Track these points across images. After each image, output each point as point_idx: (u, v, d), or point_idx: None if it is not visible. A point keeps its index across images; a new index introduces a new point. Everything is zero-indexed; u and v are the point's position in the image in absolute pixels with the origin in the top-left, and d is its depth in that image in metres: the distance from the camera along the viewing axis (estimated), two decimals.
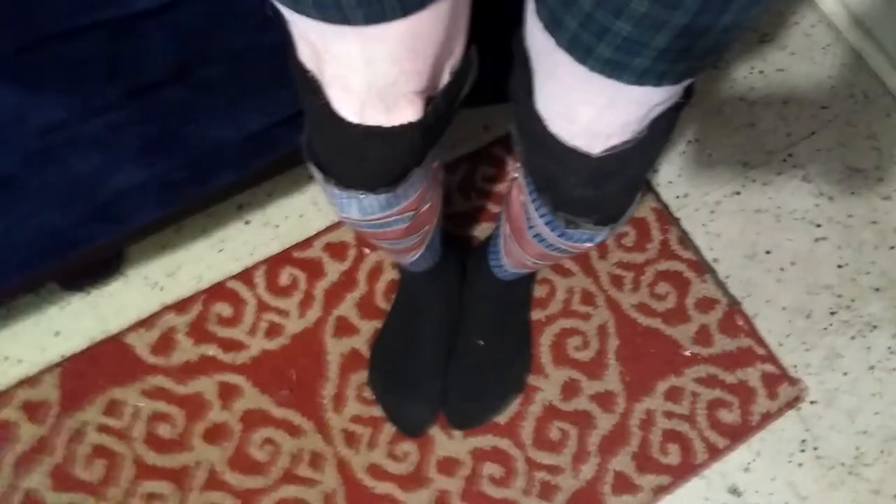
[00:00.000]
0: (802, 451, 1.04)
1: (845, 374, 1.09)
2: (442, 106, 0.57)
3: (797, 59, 1.29)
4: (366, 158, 0.59)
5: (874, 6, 1.25)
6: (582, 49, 0.41)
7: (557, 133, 0.50)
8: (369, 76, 0.51)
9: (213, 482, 0.97)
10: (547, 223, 0.64)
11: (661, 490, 1.00)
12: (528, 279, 1.04)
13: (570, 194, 0.56)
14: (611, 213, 0.62)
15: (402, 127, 0.56)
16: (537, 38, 0.46)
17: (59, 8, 0.62)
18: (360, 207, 0.63)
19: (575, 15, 0.40)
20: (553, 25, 0.42)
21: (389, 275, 1.08)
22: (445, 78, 0.57)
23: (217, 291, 1.06)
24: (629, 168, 0.54)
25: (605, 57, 0.40)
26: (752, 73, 1.27)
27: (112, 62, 0.63)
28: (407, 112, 0.55)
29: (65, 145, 0.65)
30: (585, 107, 0.46)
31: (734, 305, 1.11)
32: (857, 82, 1.27)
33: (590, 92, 0.45)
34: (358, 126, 0.55)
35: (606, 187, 0.55)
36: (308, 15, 0.45)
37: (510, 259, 0.84)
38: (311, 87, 0.55)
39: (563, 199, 0.60)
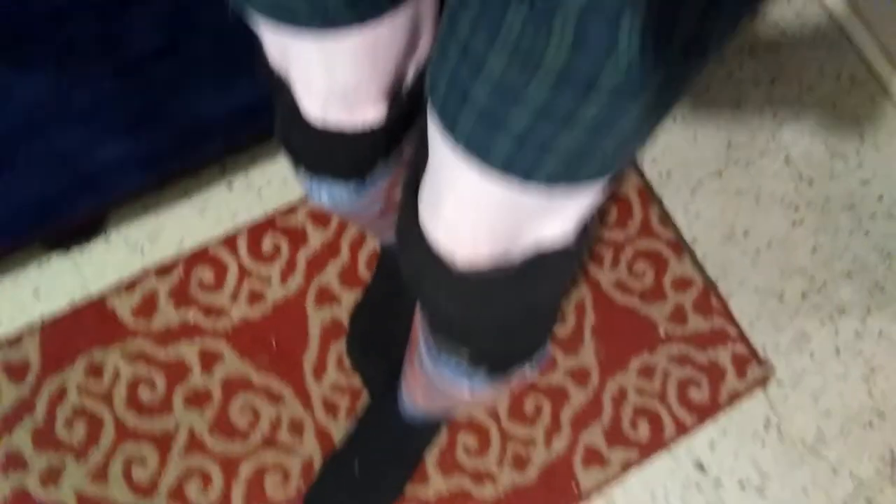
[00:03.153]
0: (766, 429, 1.08)
1: (812, 355, 1.12)
2: (406, 105, 0.57)
3: (787, 39, 1.28)
4: (332, 151, 0.59)
5: None
6: (449, 118, 0.39)
7: (424, 222, 0.47)
8: (329, 80, 0.51)
9: (194, 446, 0.99)
10: (424, 341, 0.61)
11: (629, 464, 1.04)
12: (433, 429, 0.98)
13: (434, 301, 0.52)
14: (488, 354, 0.57)
15: (364, 126, 0.56)
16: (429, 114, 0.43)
17: None
18: (330, 194, 0.64)
19: (445, 71, 0.37)
20: (432, 88, 0.40)
21: (372, 245, 1.08)
22: (410, 77, 0.56)
23: (199, 256, 1.06)
24: (501, 301, 0.49)
25: (468, 129, 0.38)
26: (742, 51, 1.27)
27: (99, 41, 0.61)
28: (369, 113, 0.55)
29: (49, 120, 0.64)
30: (450, 193, 0.43)
31: (709, 286, 1.13)
32: (845, 65, 1.28)
33: (456, 170, 0.41)
34: (322, 123, 0.56)
35: (472, 309, 0.50)
36: (261, 13, 0.45)
37: (407, 390, 0.77)
38: (278, 85, 0.55)
39: (428, 306, 0.56)
